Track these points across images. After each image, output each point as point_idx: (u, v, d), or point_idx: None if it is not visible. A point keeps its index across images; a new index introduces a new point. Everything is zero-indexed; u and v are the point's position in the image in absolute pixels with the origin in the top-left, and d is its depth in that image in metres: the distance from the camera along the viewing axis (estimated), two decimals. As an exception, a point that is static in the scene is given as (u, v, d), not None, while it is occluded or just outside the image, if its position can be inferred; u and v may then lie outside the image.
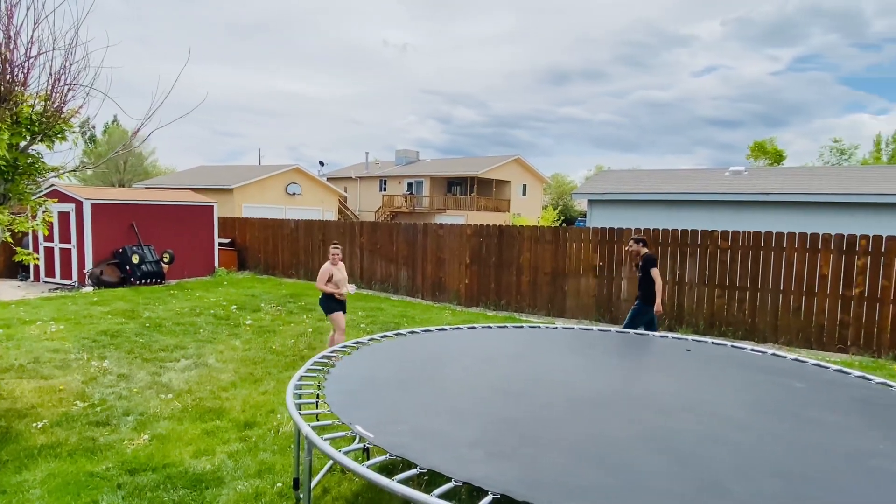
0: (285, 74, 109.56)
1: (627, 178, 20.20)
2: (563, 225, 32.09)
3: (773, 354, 5.49)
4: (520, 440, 3.24)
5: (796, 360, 5.32)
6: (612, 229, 10.94)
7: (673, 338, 6.24)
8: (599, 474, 2.81)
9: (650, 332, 6.56)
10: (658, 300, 7.28)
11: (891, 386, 4.52)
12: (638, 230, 10.45)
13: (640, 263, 7.52)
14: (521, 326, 6.65)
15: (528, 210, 41.28)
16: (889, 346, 8.52)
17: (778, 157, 42.75)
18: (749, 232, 9.64)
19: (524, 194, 42.14)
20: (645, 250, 7.61)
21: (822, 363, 5.20)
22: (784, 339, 9.28)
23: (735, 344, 5.98)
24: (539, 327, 6.69)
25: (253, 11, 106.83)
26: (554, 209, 43.55)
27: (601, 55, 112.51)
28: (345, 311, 7.44)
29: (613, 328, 7.21)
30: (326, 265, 7.30)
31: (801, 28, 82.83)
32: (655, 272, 7.29)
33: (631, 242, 7.81)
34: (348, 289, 7.35)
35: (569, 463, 2.95)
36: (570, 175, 66.77)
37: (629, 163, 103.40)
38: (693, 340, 6.12)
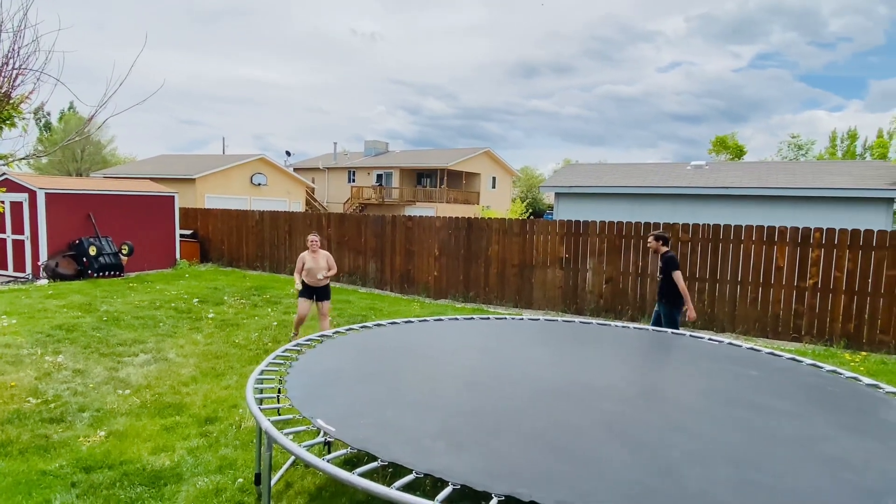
0: (250, 62, 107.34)
1: (593, 171, 20.47)
2: (531, 218, 32.35)
3: (730, 344, 5.65)
4: (481, 431, 3.26)
5: (751, 349, 5.48)
6: (577, 222, 11.08)
7: (634, 328, 6.36)
8: (557, 463, 2.85)
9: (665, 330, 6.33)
10: (690, 307, 6.82)
11: (840, 373, 4.71)
12: (657, 225, 10.18)
13: (661, 264, 7.00)
14: (488, 318, 6.69)
15: (498, 203, 41.50)
16: (840, 335, 8.87)
17: (738, 152, 43.85)
18: (709, 225, 9.89)
19: (494, 187, 42.32)
20: (665, 248, 7.01)
21: (776, 352, 5.38)
22: (741, 329, 9.57)
23: (694, 334, 6.13)
24: (505, 318, 6.74)
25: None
26: (523, 202, 43.85)
27: (569, 49, 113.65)
28: (319, 299, 7.72)
29: (578, 319, 7.30)
30: (303, 253, 7.72)
31: (762, 26, 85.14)
32: (678, 276, 6.74)
33: (651, 238, 7.18)
34: (318, 276, 7.62)
35: (528, 452, 2.99)
36: (540, 168, 67.38)
37: (596, 156, 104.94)
38: (653, 330, 6.25)
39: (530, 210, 45.21)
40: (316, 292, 7.67)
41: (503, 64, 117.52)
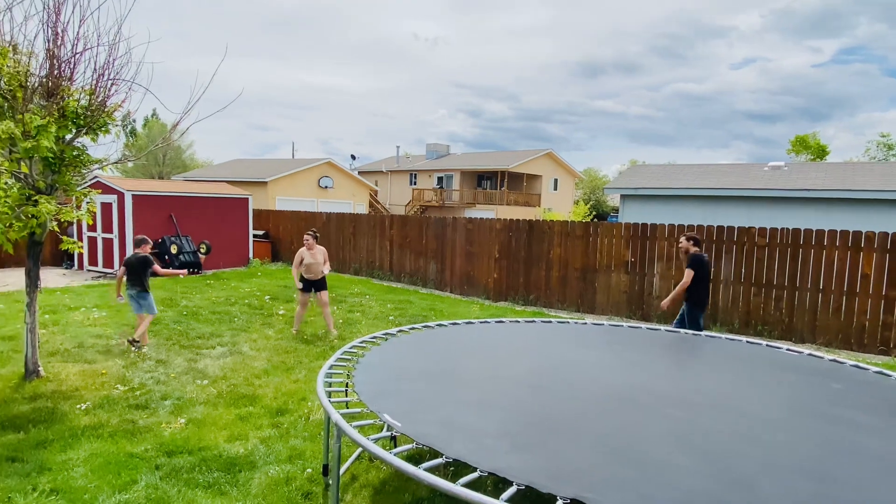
0: (317, 68, 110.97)
1: (661, 172, 19.83)
2: (595, 220, 31.75)
3: (810, 355, 5.35)
4: (546, 433, 3.24)
5: (834, 360, 5.17)
6: (644, 225, 10.78)
7: (706, 336, 6.13)
8: (623, 468, 2.80)
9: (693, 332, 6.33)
10: (668, 298, 7.19)
11: (934, 389, 4.36)
12: (692, 227, 10.16)
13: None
14: (550, 321, 6.63)
15: (559, 205, 40.90)
16: (935, 349, 8.21)
17: (821, 153, 41.31)
18: (787, 229, 9.38)
19: (555, 189, 41.75)
20: (694, 249, 7.18)
21: (862, 364, 5.05)
22: (823, 340, 9.02)
23: (770, 343, 5.85)
24: (568, 323, 6.65)
25: (283, 6, 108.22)
26: (586, 204, 43.03)
27: (636, 47, 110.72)
28: (318, 290, 8.46)
29: (644, 325, 7.12)
30: (301, 250, 8.42)
31: (846, 18, 79.94)
32: (688, 271, 6.99)
33: (682, 239, 7.36)
34: (323, 270, 8.43)
35: (594, 457, 2.95)
36: (604, 170, 66.00)
37: (665, 157, 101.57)
38: (727, 339, 6.00)
39: (593, 212, 44.29)
40: (315, 285, 8.43)
41: (566, 64, 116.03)
